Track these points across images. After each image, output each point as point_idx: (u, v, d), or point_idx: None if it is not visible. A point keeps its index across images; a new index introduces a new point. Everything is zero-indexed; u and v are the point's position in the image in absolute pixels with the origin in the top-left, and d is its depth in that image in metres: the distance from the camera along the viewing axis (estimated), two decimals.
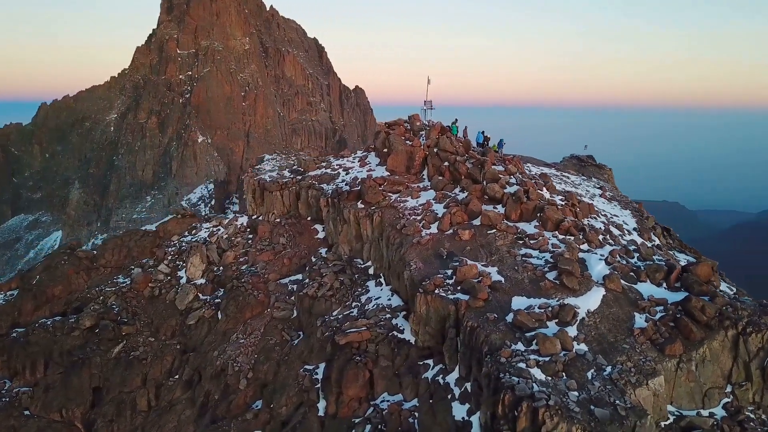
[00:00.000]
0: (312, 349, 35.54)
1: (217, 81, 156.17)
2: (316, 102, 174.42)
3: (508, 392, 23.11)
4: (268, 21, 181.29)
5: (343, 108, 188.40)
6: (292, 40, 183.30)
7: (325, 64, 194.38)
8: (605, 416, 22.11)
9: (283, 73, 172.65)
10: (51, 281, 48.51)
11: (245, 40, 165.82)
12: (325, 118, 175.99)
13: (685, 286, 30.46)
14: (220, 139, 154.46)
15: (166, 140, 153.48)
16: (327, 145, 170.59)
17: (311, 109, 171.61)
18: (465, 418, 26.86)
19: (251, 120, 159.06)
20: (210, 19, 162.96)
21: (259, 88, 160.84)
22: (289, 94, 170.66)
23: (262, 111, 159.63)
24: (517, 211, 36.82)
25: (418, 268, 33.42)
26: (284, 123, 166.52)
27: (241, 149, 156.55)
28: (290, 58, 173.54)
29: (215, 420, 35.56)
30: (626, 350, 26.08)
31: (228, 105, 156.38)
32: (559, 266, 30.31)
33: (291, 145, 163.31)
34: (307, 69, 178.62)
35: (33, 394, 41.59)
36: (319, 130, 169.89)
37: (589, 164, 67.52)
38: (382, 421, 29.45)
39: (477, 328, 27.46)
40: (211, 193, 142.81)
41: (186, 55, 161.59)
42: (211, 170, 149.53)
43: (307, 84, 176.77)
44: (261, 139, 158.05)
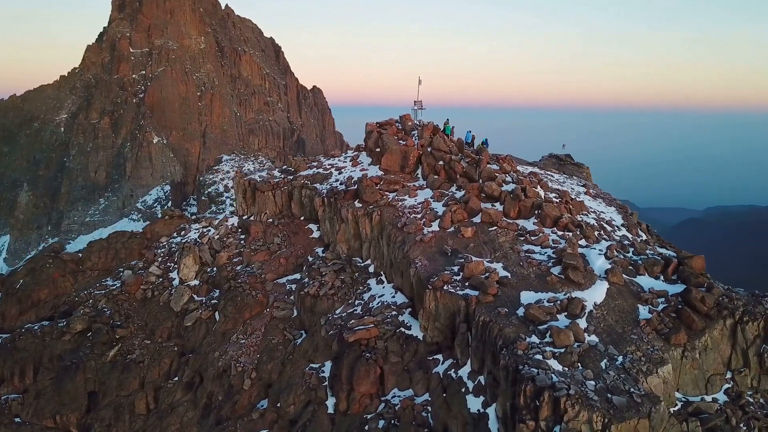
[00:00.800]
0: (317, 348, 35.73)
1: (172, 80, 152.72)
2: (273, 102, 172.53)
3: (529, 383, 23.81)
4: (223, 20, 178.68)
5: (300, 108, 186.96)
6: (248, 40, 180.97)
7: (282, 64, 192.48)
8: (623, 404, 23.00)
9: (240, 73, 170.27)
10: (36, 285, 47.39)
11: (200, 39, 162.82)
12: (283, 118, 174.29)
13: (681, 279, 31.81)
14: (175, 139, 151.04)
15: (120, 141, 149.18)
16: (285, 145, 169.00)
17: (268, 109, 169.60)
18: (480, 411, 27.47)
19: (207, 120, 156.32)
20: (164, 17, 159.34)
21: (216, 87, 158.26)
22: (246, 94, 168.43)
23: (219, 111, 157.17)
24: (516, 209, 37.69)
25: (424, 266, 33.95)
26: (241, 123, 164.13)
27: (198, 150, 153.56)
28: (246, 58, 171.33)
29: (220, 421, 35.40)
30: (634, 340, 27.10)
31: (183, 105, 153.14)
32: (564, 261, 31.23)
33: (248, 145, 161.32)
34: (264, 69, 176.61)
35: (23, 400, 40.78)
36: (277, 130, 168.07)
37: (568, 163, 69.14)
38: (395, 416, 29.90)
39: (490, 322, 28.12)
40: (167, 194, 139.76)
41: (139, 54, 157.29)
42: (167, 171, 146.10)
43: (264, 84, 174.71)
44: (218, 140, 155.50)
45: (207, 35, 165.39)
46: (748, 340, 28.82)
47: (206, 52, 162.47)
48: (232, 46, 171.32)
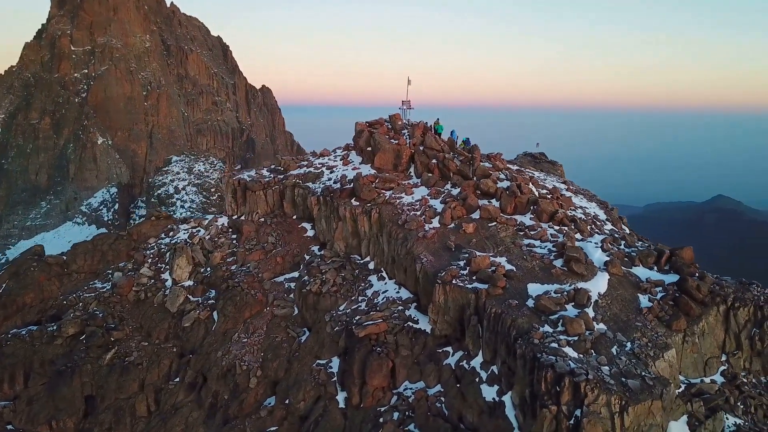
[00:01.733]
0: (323, 344, 36.15)
1: (116, 80, 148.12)
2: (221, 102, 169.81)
3: (549, 370, 24.93)
4: (169, 18, 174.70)
5: (250, 108, 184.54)
6: (194, 38, 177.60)
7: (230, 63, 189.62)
8: (637, 387, 24.36)
9: (187, 72, 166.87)
10: (21, 289, 46.17)
11: (145, 37, 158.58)
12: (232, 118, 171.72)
13: (674, 269, 33.62)
14: (121, 140, 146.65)
15: (62, 142, 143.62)
16: (234, 145, 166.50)
17: (217, 109, 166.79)
18: (496, 399, 28.51)
19: (154, 120, 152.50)
20: (106, 14, 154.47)
21: (162, 87, 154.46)
22: (194, 94, 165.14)
23: (166, 111, 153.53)
24: (512, 205, 38.95)
25: (429, 261, 34.82)
26: (189, 123, 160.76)
27: (144, 150, 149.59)
28: (193, 57, 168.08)
29: (227, 420, 35.42)
30: (639, 327, 28.62)
31: (129, 105, 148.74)
32: (566, 254, 32.58)
33: (196, 145, 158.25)
34: (212, 68, 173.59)
35: (15, 407, 39.73)
36: (226, 131, 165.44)
37: (542, 161, 71.11)
38: (409, 408, 30.64)
39: (502, 314, 29.19)
40: (114, 197, 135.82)
41: (81, 53, 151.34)
42: (113, 173, 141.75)
43: (212, 83, 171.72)
44: (165, 140, 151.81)
45: (152, 33, 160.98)
46: (740, 325, 30.81)
47: (152, 50, 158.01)
48: (178, 45, 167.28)
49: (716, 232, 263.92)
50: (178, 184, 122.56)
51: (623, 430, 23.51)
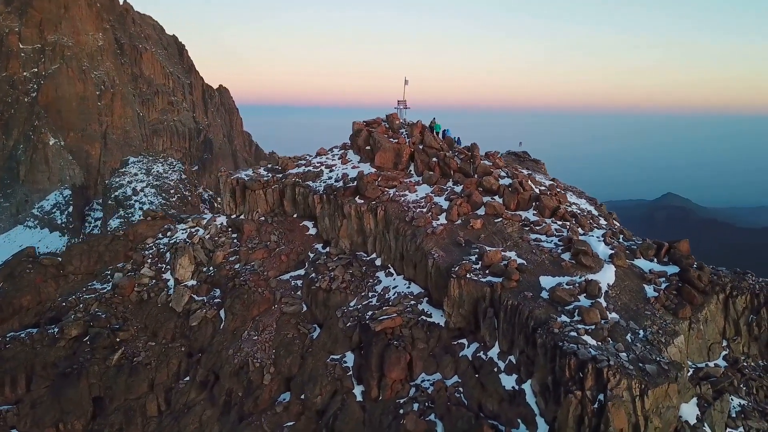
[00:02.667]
0: (336, 339, 36.73)
1: (67, 79, 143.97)
2: (177, 102, 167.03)
3: (572, 357, 26.15)
4: (122, 16, 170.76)
5: (207, 108, 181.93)
6: (149, 37, 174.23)
7: (186, 63, 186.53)
8: (654, 371, 25.77)
9: (141, 72, 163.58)
10: (17, 291, 45.42)
11: (98, 35, 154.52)
12: (188, 118, 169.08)
13: (673, 260, 35.35)
14: (74, 141, 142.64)
15: (11, 143, 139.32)
16: (191, 146, 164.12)
17: (173, 109, 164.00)
18: (515, 387, 29.63)
19: (108, 120, 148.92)
20: (57, 12, 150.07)
21: (116, 86, 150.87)
22: (149, 94, 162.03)
23: (120, 111, 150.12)
24: (515, 201, 40.23)
25: (441, 256, 35.77)
26: (144, 124, 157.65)
27: (98, 152, 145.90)
28: (148, 56, 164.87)
29: (242, 417, 35.72)
30: (649, 316, 30.12)
31: (81, 105, 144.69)
32: (575, 247, 33.96)
33: (152, 146, 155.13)
34: (167, 67, 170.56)
35: (18, 411, 39.24)
36: (182, 131, 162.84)
37: (526, 159, 72.93)
38: (429, 399, 31.55)
39: (518, 305, 30.35)
40: (67, 199, 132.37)
41: (30, 51, 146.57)
42: (66, 175, 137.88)
43: (168, 83, 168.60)
44: (120, 141, 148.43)
45: (105, 32, 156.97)
46: (738, 312, 32.70)
47: (105, 49, 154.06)
48: (132, 44, 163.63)
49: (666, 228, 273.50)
50: (136, 186, 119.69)
51: (644, 412, 24.88)
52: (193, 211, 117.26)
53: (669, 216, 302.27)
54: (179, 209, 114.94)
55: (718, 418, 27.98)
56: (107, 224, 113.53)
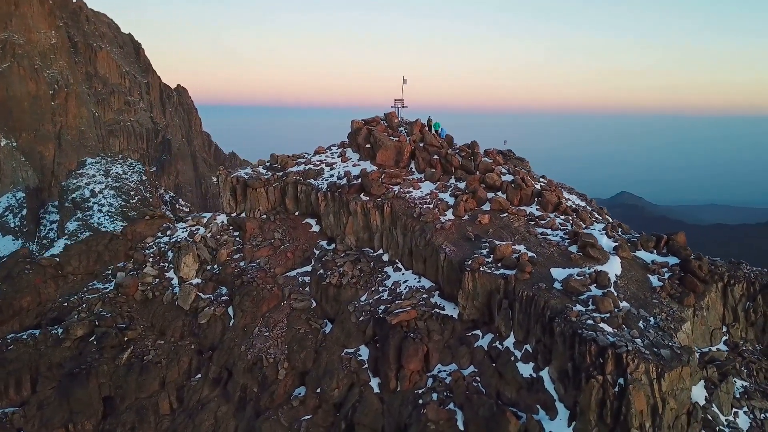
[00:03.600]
0: (349, 334, 37.41)
1: (19, 78, 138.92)
2: (134, 101, 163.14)
3: (592, 344, 27.43)
4: (75, 13, 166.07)
5: (164, 108, 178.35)
6: (104, 35, 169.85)
7: (143, 62, 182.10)
8: (668, 355, 27.23)
9: (96, 71, 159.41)
10: (16, 293, 44.75)
11: (51, 33, 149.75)
12: (146, 118, 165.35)
13: (672, 252, 37.07)
14: (26, 141, 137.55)
15: None
16: (149, 146, 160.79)
17: (129, 109, 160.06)
18: (533, 375, 30.81)
19: (62, 121, 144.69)
20: (7, 8, 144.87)
21: (70, 86, 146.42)
22: (104, 93, 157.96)
23: (75, 111, 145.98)
24: (518, 197, 41.53)
25: (452, 251, 36.78)
26: (100, 124, 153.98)
27: (53, 153, 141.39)
28: (103, 55, 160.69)
29: (259, 412, 36.12)
30: (656, 304, 31.67)
31: (34, 104, 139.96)
32: (582, 240, 35.34)
33: (109, 147, 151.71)
34: (123, 66, 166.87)
35: (25, 413, 38.88)
36: (140, 131, 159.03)
37: (511, 157, 74.55)
38: (447, 389, 32.52)
39: (534, 296, 31.54)
40: (21, 202, 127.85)
41: None
42: (18, 177, 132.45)
43: (124, 82, 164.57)
44: (75, 142, 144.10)
45: (58, 29, 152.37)
46: (736, 299, 34.55)
47: (58, 47, 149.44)
48: (86, 42, 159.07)
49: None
50: (95, 188, 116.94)
51: (661, 394, 26.29)
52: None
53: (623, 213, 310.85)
54: (140, 211, 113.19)
55: (725, 399, 29.69)
56: (64, 227, 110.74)
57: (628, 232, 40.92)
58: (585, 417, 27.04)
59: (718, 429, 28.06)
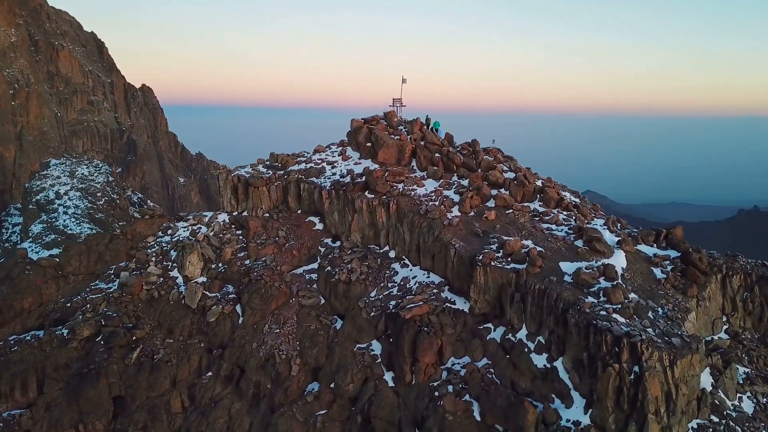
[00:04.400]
0: (361, 329, 37.98)
1: None
2: (98, 101, 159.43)
3: (608, 334, 28.52)
4: (36, 11, 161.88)
5: (129, 108, 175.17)
6: (65, 33, 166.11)
7: (106, 61, 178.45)
8: (679, 344, 28.46)
9: (58, 70, 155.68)
10: (17, 294, 44.33)
11: (10, 31, 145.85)
12: (110, 118, 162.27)
13: (671, 245, 38.49)
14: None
15: None
16: (114, 147, 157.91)
17: (93, 109, 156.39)
18: (547, 365, 31.82)
19: (23, 121, 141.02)
20: None
21: (31, 85, 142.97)
22: (67, 93, 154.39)
23: (36, 111, 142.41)
24: (521, 194, 42.57)
25: (462, 246, 37.62)
26: (63, 124, 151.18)
27: (13, 154, 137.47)
28: (65, 53, 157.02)
29: (273, 408, 36.47)
30: (662, 295, 32.97)
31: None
32: (587, 234, 36.50)
33: (72, 148, 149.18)
34: (86, 65, 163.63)
35: (33, 414, 38.56)
36: (104, 132, 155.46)
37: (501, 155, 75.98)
38: (462, 381, 33.34)
39: (546, 289, 32.56)
40: None
41: None
42: None
43: (87, 81, 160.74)
44: (37, 143, 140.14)
45: (18, 27, 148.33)
46: (734, 290, 36.10)
47: (18, 46, 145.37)
48: (47, 41, 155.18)
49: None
50: (60, 189, 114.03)
51: (674, 380, 27.49)
52: (122, 215, 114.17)
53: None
54: (107, 213, 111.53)
55: (730, 384, 31.09)
56: (28, 230, 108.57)
57: (626, 227, 42.34)
58: (602, 404, 28.13)
59: (725, 413, 29.43)
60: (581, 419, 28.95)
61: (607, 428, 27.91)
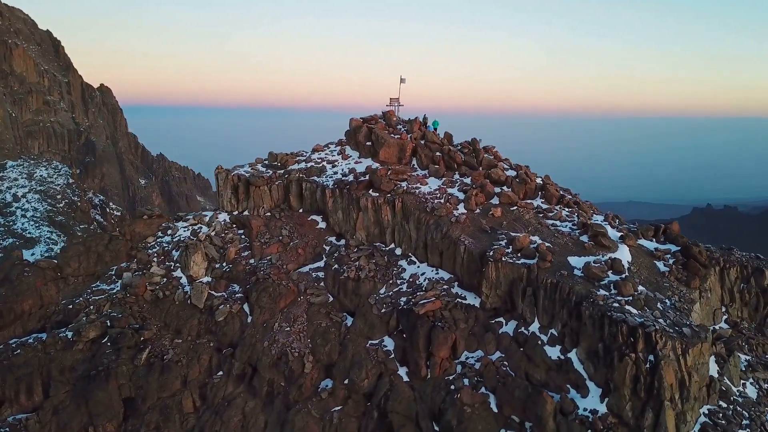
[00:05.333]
0: (372, 325, 38.51)
1: None
2: (54, 101, 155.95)
3: (623, 325, 29.64)
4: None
5: (87, 108, 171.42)
6: (19, 32, 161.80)
7: (63, 60, 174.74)
8: (690, 333, 29.74)
9: (12, 69, 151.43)
10: (17, 296, 43.52)
11: None
12: (67, 119, 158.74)
13: (669, 240, 39.99)
14: None
15: None
16: (71, 148, 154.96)
17: (49, 109, 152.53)
18: (560, 357, 32.83)
19: None
20: None
21: None
22: (21, 93, 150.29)
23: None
24: (523, 191, 43.66)
25: (471, 243, 38.43)
26: (17, 125, 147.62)
27: None
28: (19, 52, 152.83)
29: (288, 405, 36.71)
30: (668, 287, 34.32)
31: None
32: (592, 230, 37.69)
33: (28, 149, 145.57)
34: (41, 64, 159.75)
35: (40, 418, 38.05)
36: (61, 132, 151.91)
37: None
38: (477, 374, 34.15)
39: (558, 283, 33.58)
40: None
41: None
42: None
43: (43, 81, 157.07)
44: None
45: None
46: (732, 282, 37.74)
47: None
48: (0, 39, 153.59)
49: None
50: (17, 192, 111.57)
51: (686, 368, 28.75)
52: (83, 218, 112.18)
53: None
54: (68, 216, 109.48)
55: (734, 371, 32.60)
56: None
57: (624, 223, 43.72)
58: (619, 392, 29.24)
59: (732, 399, 30.88)
60: (598, 408, 30.02)
61: (624, 416, 29.04)
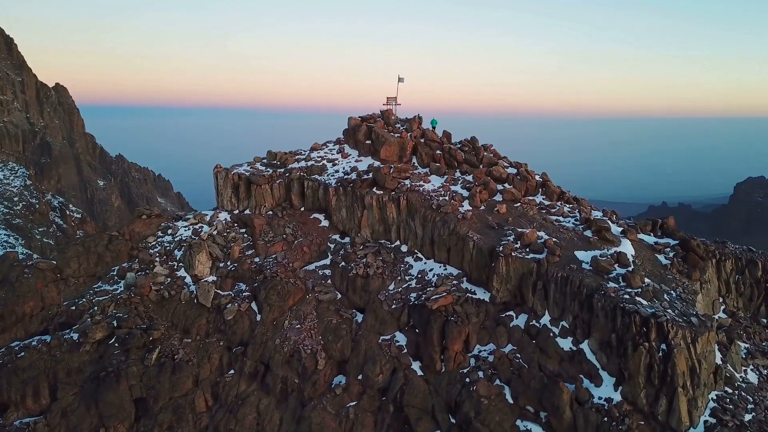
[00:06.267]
0: (383, 321, 39.09)
1: None
2: (7, 101, 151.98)
3: (636, 315, 30.83)
4: None
5: (42, 108, 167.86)
6: None
7: (16, 58, 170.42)
8: (697, 323, 31.13)
9: None
10: (18, 298, 42.71)
11: None
12: (21, 119, 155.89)
13: (666, 234, 41.55)
14: None
15: None
16: (26, 149, 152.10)
17: (2, 109, 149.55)
18: (572, 348, 33.93)
19: None
20: None
21: None
22: None
23: None
24: (525, 188, 44.76)
25: (480, 239, 39.30)
26: None
27: None
28: None
29: (303, 402, 37.03)
30: (672, 279, 35.73)
31: None
32: (596, 225, 38.94)
33: None
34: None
35: (48, 421, 37.57)
36: (15, 133, 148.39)
37: None
38: (491, 367, 35.06)
39: (568, 276, 34.67)
40: None
41: None
42: None
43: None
44: None
45: None
46: (728, 273, 39.44)
47: None
48: None
49: None
50: None
51: (696, 356, 30.09)
52: (42, 220, 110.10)
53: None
54: (26, 218, 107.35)
55: (736, 359, 34.15)
56: None
57: (620, 218, 45.22)
58: (634, 381, 30.43)
59: (737, 385, 32.39)
60: (612, 396, 31.19)
61: (638, 403, 30.25)
